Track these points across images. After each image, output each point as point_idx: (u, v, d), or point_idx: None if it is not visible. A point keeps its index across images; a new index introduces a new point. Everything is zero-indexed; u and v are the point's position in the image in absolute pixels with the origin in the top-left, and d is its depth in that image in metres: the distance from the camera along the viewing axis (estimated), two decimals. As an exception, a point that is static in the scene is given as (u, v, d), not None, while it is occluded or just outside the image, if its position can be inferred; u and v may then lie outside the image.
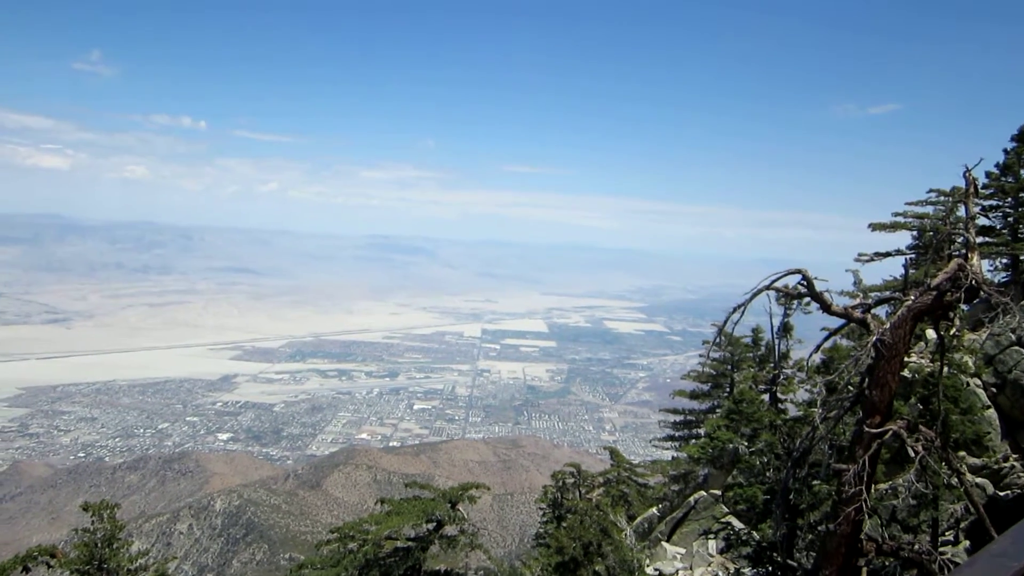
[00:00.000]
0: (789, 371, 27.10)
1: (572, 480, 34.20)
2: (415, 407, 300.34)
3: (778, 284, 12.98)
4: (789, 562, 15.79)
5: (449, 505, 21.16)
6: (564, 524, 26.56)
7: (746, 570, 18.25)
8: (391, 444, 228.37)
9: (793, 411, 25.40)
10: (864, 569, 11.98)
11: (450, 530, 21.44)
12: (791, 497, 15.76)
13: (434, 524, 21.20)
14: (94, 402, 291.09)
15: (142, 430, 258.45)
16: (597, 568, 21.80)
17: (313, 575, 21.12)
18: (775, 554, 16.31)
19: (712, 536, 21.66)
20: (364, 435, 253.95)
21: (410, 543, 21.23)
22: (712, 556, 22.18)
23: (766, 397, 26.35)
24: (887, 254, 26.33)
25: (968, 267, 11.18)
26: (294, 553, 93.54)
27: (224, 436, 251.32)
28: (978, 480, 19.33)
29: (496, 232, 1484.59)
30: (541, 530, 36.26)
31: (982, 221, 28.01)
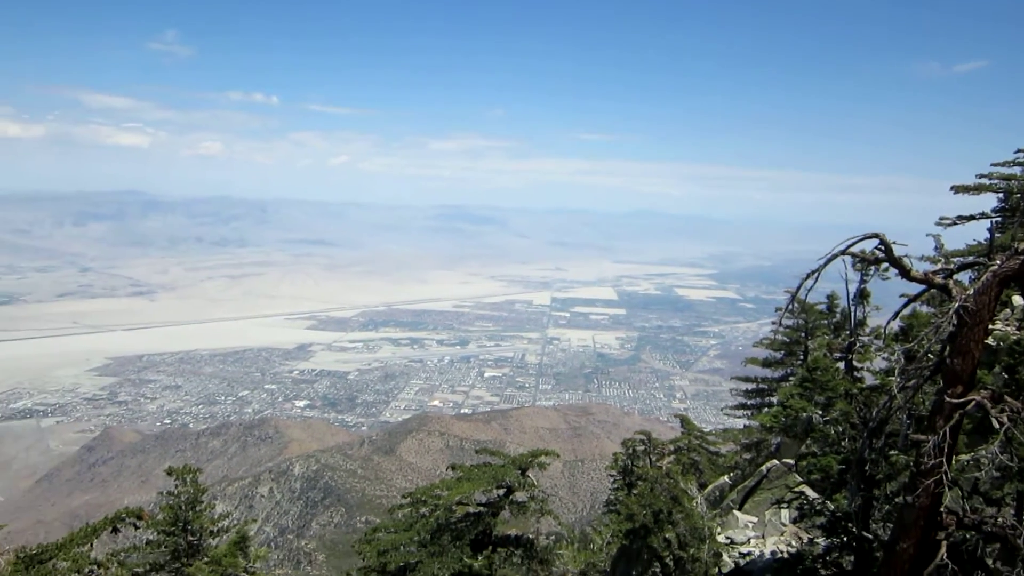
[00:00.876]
0: (866, 339, 26.33)
1: (642, 447, 34.07)
2: (486, 375, 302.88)
3: (854, 249, 12.58)
4: (865, 534, 15.47)
5: (519, 471, 21.28)
6: (634, 491, 26.51)
7: (820, 540, 17.97)
8: (462, 411, 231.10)
9: (870, 380, 24.73)
10: (944, 543, 11.64)
11: (520, 496, 21.57)
12: (867, 468, 15.39)
13: (504, 490, 21.37)
14: (178, 371, 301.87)
15: (223, 397, 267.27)
16: (667, 535, 21.73)
17: (387, 538, 21.55)
18: (850, 525, 16.00)
19: (785, 505, 21.33)
20: (436, 402, 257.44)
21: (481, 508, 21.46)
22: (785, 525, 21.90)
23: (841, 365, 25.69)
24: (971, 217, 25.19)
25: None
26: (370, 516, 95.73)
27: (301, 403, 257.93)
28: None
29: (565, 200, 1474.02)
30: (611, 497, 36.29)
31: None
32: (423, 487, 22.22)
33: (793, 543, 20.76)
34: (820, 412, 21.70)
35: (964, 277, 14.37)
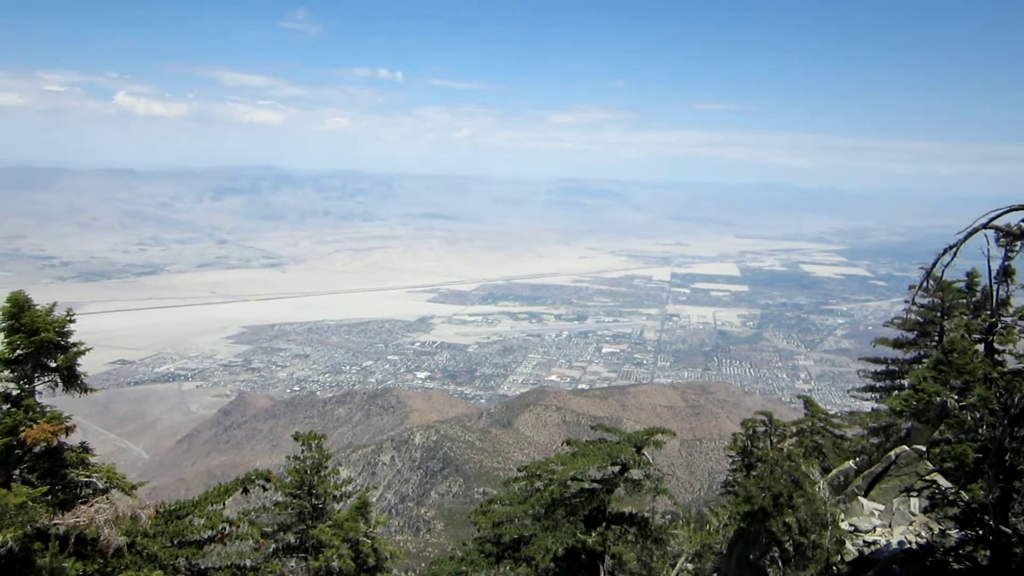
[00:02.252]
0: (1009, 319, 24.67)
1: (763, 428, 33.20)
2: (603, 350, 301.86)
3: (998, 222, 11.73)
4: (1003, 527, 14.55)
5: (634, 449, 21.08)
6: (753, 473, 25.86)
7: (952, 532, 17.03)
8: (580, 386, 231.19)
9: (1012, 363, 23.20)
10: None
11: (635, 474, 21.37)
12: (1007, 457, 14.44)
13: (619, 467, 21.22)
14: (306, 340, 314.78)
15: (348, 367, 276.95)
16: (787, 520, 21.09)
17: (503, 510, 21.79)
18: (987, 518, 15.07)
19: (915, 494, 20.31)
20: (553, 377, 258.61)
21: (595, 484, 21.39)
22: (914, 515, 20.88)
23: (981, 347, 24.15)
24: None
25: None
26: (487, 488, 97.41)
27: (422, 374, 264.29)
28: None
29: (687, 173, 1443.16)
30: (729, 478, 35.58)
31: None
32: (538, 461, 22.32)
33: (923, 534, 19.76)
34: (956, 397, 20.51)
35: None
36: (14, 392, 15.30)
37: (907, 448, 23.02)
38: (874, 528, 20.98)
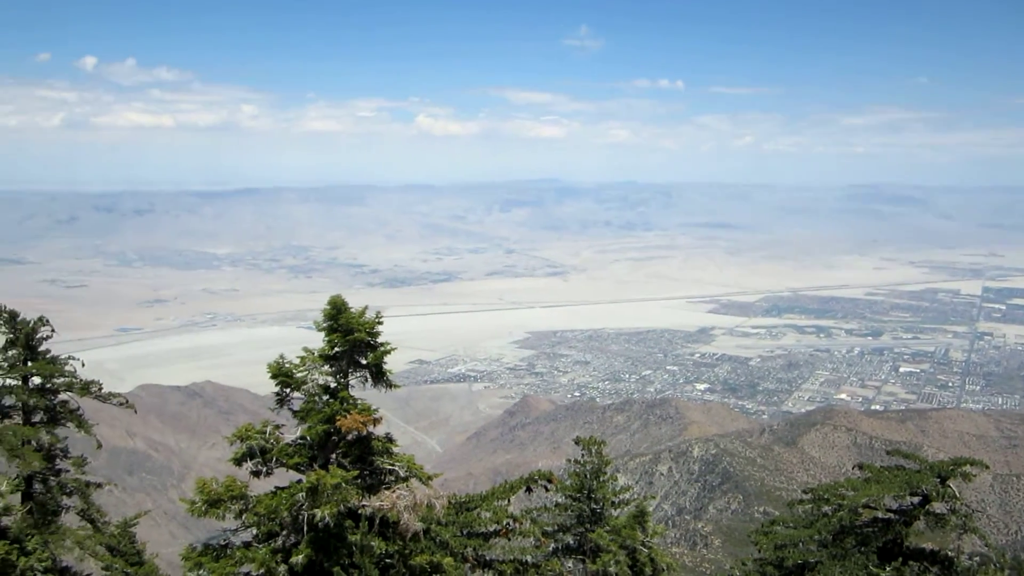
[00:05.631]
0: None
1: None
2: (900, 369, 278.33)
3: None
4: None
5: (938, 479, 19.26)
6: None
7: None
8: (873, 407, 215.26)
9: None
10: None
11: (938, 507, 19.54)
12: None
13: (919, 498, 19.51)
14: (587, 347, 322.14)
15: (627, 375, 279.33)
16: None
17: (786, 533, 20.92)
18: None
19: None
20: (843, 395, 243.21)
21: (891, 515, 19.86)
22: None
23: None
24: None
25: None
26: (768, 507, 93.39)
27: (701, 386, 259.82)
28: None
29: (1003, 176, 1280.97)
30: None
31: None
32: (826, 484, 21.15)
33: None
34: None
35: None
36: (332, 385, 17.17)
37: None
38: None
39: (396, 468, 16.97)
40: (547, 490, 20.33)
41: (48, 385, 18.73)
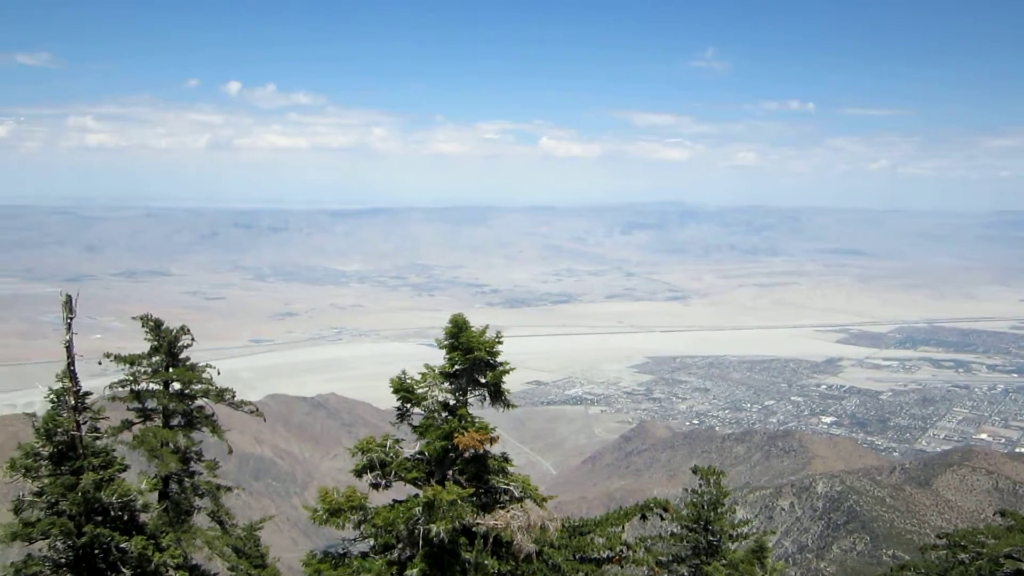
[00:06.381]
0: None
1: None
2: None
3: None
4: None
5: (1091, 531, 17.78)
6: None
7: None
8: (1017, 449, 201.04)
9: None
10: None
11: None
12: None
13: (1069, 550, 18.04)
14: (707, 374, 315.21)
15: (749, 404, 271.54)
16: None
17: (916, 579, 19.79)
18: None
19: None
20: (984, 435, 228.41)
21: (1036, 567, 18.43)
22: None
23: None
24: None
25: None
26: (897, 551, 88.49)
27: (827, 419, 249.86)
28: None
29: None
30: None
31: None
32: (963, 530, 19.93)
33: None
34: None
35: None
36: (451, 402, 17.45)
37: None
38: None
39: (511, 488, 17.03)
40: (662, 519, 19.96)
41: (187, 391, 19.85)
